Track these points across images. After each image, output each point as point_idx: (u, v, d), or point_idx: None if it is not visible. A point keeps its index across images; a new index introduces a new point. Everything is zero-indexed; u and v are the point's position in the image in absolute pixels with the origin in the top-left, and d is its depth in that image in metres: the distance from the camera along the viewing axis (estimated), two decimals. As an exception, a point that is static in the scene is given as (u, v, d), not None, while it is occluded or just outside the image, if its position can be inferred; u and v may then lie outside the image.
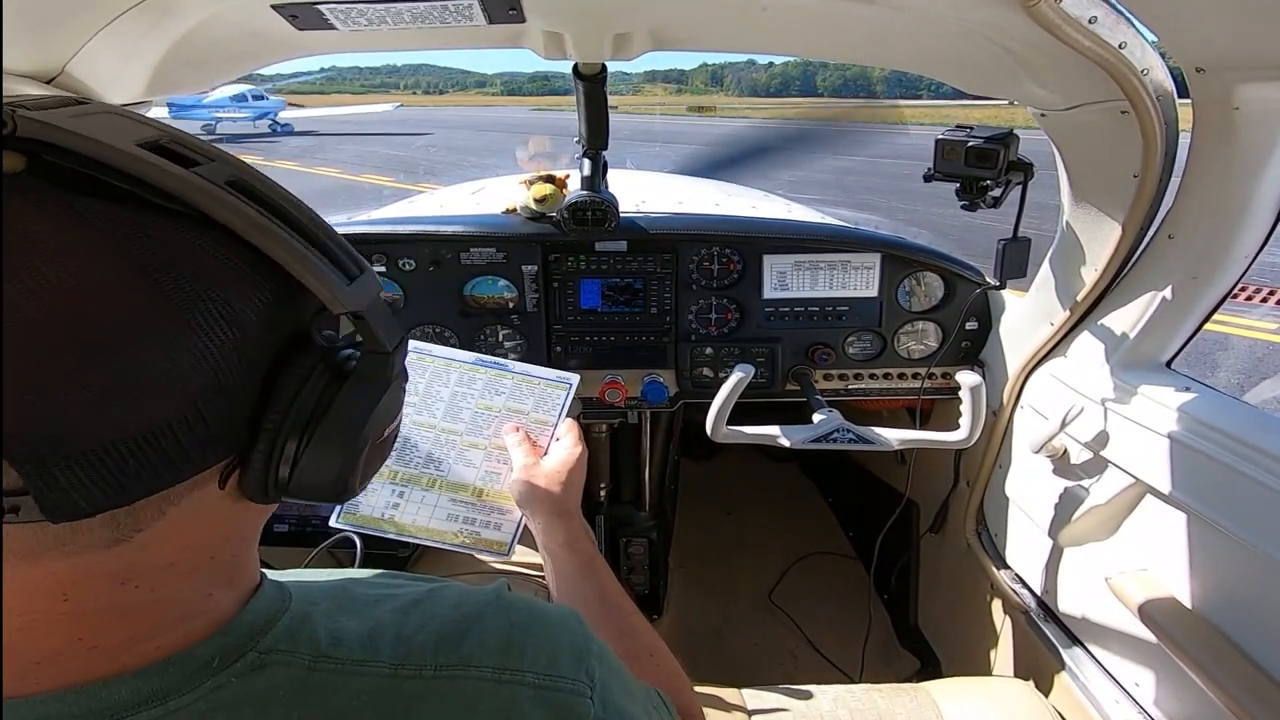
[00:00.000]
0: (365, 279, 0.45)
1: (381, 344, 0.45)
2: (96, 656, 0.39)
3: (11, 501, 0.34)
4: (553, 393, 1.07)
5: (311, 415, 0.43)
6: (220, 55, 1.13)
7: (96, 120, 0.38)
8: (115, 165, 0.36)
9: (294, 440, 0.42)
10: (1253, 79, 0.84)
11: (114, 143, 0.36)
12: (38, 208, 0.34)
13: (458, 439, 1.05)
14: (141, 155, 0.37)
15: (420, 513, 1.02)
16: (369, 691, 0.44)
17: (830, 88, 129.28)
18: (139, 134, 0.38)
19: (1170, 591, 1.08)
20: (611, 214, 1.49)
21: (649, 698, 0.61)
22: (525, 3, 0.94)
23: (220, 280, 0.38)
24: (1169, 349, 1.17)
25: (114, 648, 0.40)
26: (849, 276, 1.59)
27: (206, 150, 0.41)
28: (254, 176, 0.42)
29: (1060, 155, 1.20)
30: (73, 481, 0.34)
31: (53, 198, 0.35)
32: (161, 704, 0.39)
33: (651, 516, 1.98)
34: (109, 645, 0.40)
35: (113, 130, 0.37)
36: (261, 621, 0.45)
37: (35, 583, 0.38)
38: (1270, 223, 1.00)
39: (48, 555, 0.37)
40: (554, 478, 0.97)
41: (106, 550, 0.38)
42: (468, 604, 0.52)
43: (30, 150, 0.35)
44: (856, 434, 1.34)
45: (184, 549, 0.42)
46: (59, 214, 0.35)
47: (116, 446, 0.35)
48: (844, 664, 1.93)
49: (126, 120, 0.40)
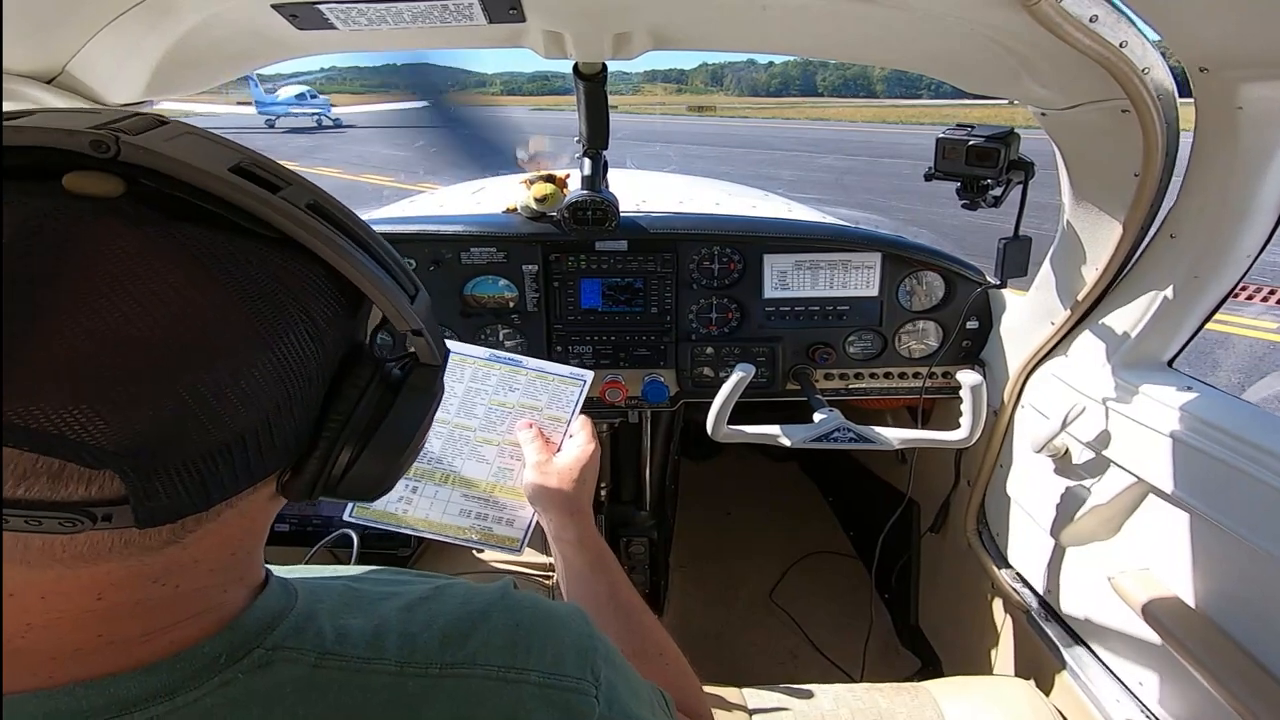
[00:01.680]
0: (422, 296, 0.48)
1: (436, 357, 0.49)
2: (111, 651, 0.40)
3: (105, 510, 0.35)
4: (567, 389, 1.07)
5: (369, 424, 0.45)
6: (220, 55, 1.13)
7: (187, 143, 0.40)
8: (210, 190, 0.38)
9: (351, 447, 0.45)
10: (1256, 79, 0.84)
11: (208, 168, 0.38)
12: (137, 231, 0.36)
13: (471, 435, 1.05)
14: (232, 181, 0.39)
15: (433, 508, 1.02)
16: (374, 689, 0.44)
17: (830, 88, 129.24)
18: (227, 158, 0.40)
19: (1172, 590, 1.08)
20: (612, 213, 1.49)
21: (654, 696, 0.61)
22: (525, 2, 0.94)
23: (305, 300, 0.41)
24: (1170, 348, 1.17)
25: (128, 641, 0.40)
26: (849, 276, 1.58)
27: (285, 174, 0.43)
28: (328, 200, 0.44)
29: (1061, 154, 1.20)
30: (169, 489, 0.36)
31: (151, 221, 0.37)
32: (169, 699, 0.40)
33: (652, 516, 1.98)
34: (124, 639, 0.40)
35: (205, 154, 0.39)
36: (269, 618, 0.45)
37: (78, 583, 0.38)
38: (1272, 222, 1.00)
39: (105, 558, 0.38)
40: (567, 475, 0.97)
41: (159, 551, 0.40)
42: (473, 602, 0.52)
43: (128, 174, 0.37)
44: (857, 433, 1.34)
45: (216, 546, 0.43)
46: (158, 239, 0.36)
47: (211, 456, 0.37)
48: (845, 663, 1.93)
49: (212, 144, 0.41)
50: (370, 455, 0.46)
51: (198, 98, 17.99)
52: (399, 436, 0.47)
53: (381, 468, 0.47)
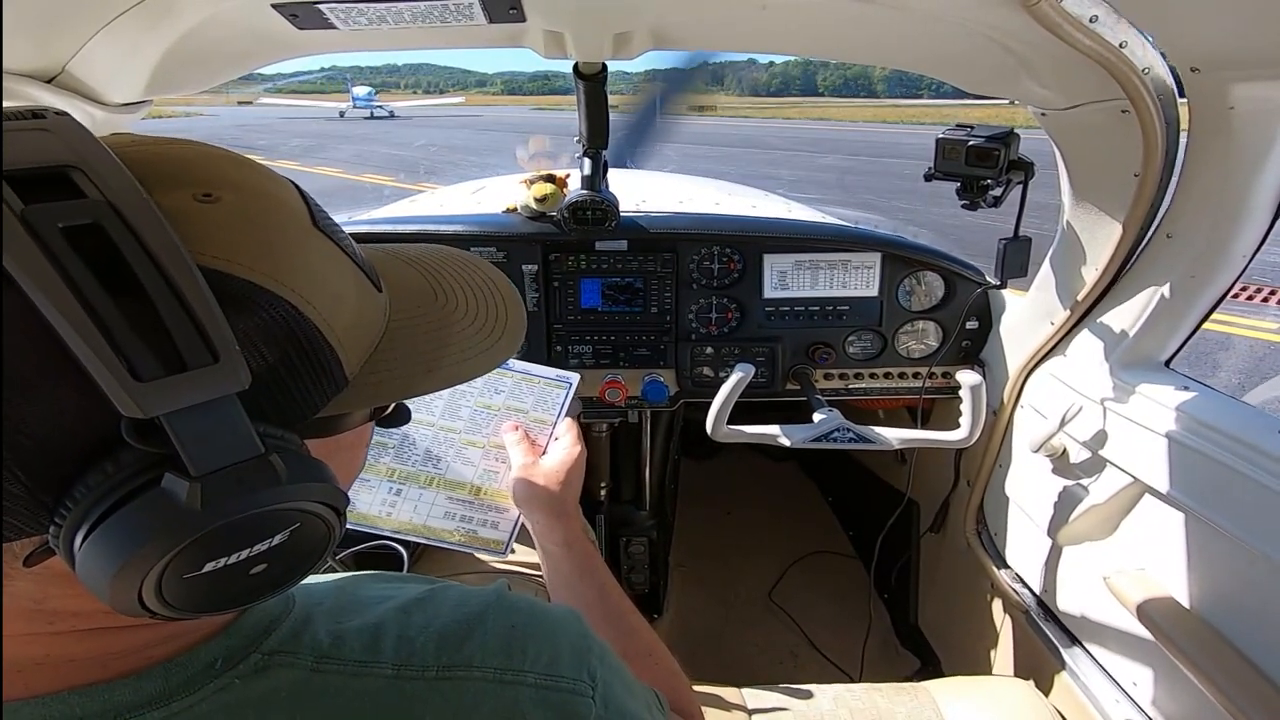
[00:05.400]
0: (203, 374, 0.33)
1: (186, 464, 0.33)
2: (91, 666, 0.39)
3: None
4: (552, 392, 1.07)
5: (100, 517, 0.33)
6: (220, 55, 1.13)
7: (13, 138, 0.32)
8: None
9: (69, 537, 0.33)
10: (1247, 78, 0.84)
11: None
12: None
13: (456, 437, 1.05)
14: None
15: (417, 510, 1.01)
16: (371, 693, 0.44)
17: (831, 88, 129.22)
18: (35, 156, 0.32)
19: (1168, 591, 1.08)
20: (612, 213, 1.49)
21: (649, 696, 0.62)
22: (525, 2, 0.94)
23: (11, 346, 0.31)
24: (1168, 348, 1.17)
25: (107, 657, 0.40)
26: (849, 276, 1.59)
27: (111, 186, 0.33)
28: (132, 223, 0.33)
29: (1060, 154, 1.20)
30: None
31: None
32: (165, 706, 0.39)
33: (651, 516, 1.98)
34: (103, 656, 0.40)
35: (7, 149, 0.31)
36: (265, 623, 0.45)
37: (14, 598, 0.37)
38: (1268, 221, 1.00)
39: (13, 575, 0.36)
40: (552, 477, 0.97)
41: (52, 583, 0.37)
42: (469, 604, 0.52)
43: None
44: (857, 433, 1.34)
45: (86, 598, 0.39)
46: None
47: None
48: (844, 663, 1.94)
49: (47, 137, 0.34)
50: (87, 553, 0.33)
51: (198, 97, 17.87)
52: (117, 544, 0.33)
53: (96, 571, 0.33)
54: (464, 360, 0.50)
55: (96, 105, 1.02)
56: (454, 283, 0.54)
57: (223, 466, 0.34)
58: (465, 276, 0.55)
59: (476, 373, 0.51)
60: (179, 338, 0.33)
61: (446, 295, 0.52)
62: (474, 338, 0.52)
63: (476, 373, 0.51)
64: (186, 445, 0.33)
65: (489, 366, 0.52)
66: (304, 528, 0.39)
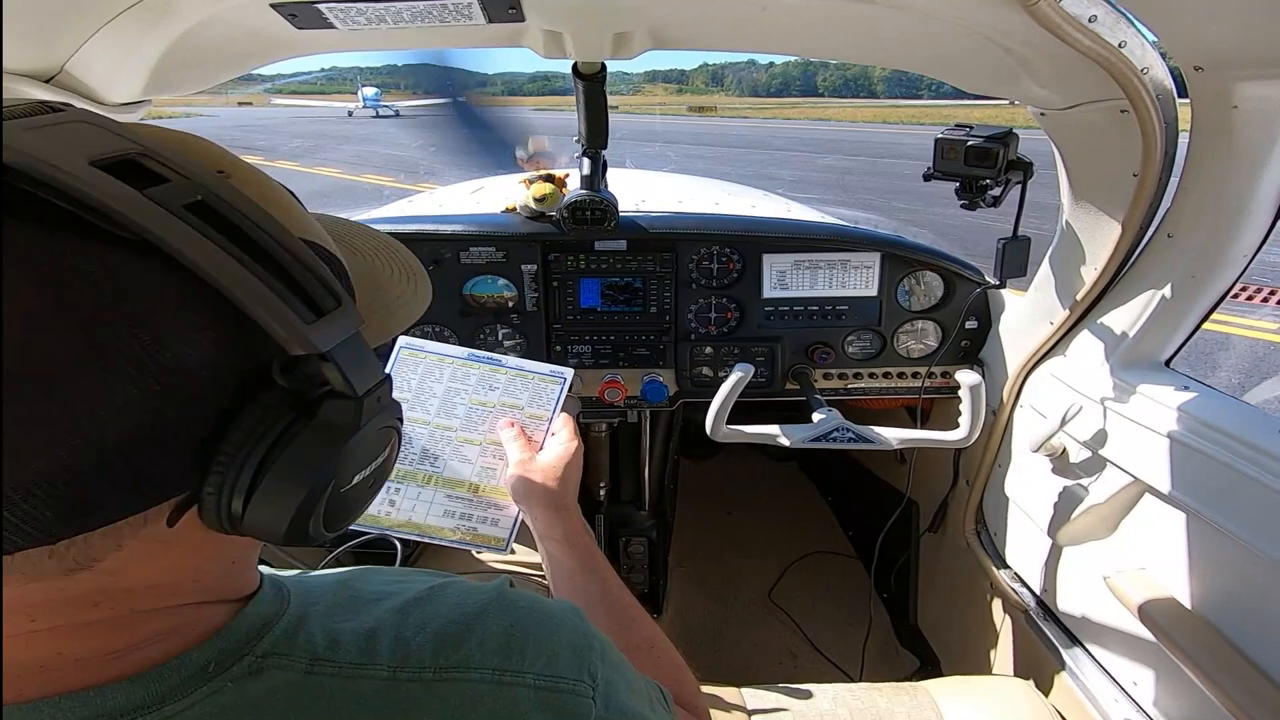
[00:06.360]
0: (338, 315, 0.40)
1: (349, 388, 0.40)
2: (82, 668, 0.39)
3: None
4: (547, 387, 1.07)
5: (265, 459, 0.39)
6: (219, 55, 1.13)
7: (58, 132, 0.35)
8: (58, 185, 0.33)
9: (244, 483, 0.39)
10: (1251, 77, 0.84)
11: (59, 161, 0.33)
12: None
13: (453, 435, 1.05)
14: (85, 175, 0.33)
15: (416, 509, 1.02)
16: (366, 695, 0.43)
17: (830, 88, 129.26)
18: (98, 149, 0.35)
19: (1168, 591, 1.08)
20: (611, 213, 1.49)
21: (652, 691, 0.61)
22: (525, 2, 0.94)
23: (153, 320, 0.35)
24: (1168, 348, 1.17)
25: (99, 659, 0.40)
26: (848, 276, 1.59)
27: (182, 167, 0.37)
28: (225, 198, 0.38)
29: (1060, 154, 1.20)
30: None
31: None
32: (157, 709, 0.39)
33: (651, 516, 1.98)
34: (94, 658, 0.40)
35: (68, 145, 0.34)
36: (259, 625, 0.44)
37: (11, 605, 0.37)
38: (1268, 222, 1.00)
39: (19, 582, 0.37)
40: (550, 472, 0.97)
41: (67, 577, 0.37)
42: (468, 603, 0.51)
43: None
44: (856, 433, 1.34)
45: (163, 572, 0.41)
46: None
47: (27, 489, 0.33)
48: (844, 663, 1.94)
49: (97, 130, 0.37)
50: (269, 493, 0.39)
51: (198, 97, 17.91)
52: (300, 474, 0.40)
53: (287, 507, 0.40)
54: (400, 306, 0.60)
55: (95, 105, 1.02)
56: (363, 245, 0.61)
57: (372, 387, 0.42)
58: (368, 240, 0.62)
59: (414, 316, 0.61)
60: (310, 288, 0.39)
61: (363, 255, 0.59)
62: (399, 286, 0.60)
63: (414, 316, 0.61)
64: (350, 372, 0.40)
65: (421, 308, 0.62)
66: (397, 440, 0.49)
